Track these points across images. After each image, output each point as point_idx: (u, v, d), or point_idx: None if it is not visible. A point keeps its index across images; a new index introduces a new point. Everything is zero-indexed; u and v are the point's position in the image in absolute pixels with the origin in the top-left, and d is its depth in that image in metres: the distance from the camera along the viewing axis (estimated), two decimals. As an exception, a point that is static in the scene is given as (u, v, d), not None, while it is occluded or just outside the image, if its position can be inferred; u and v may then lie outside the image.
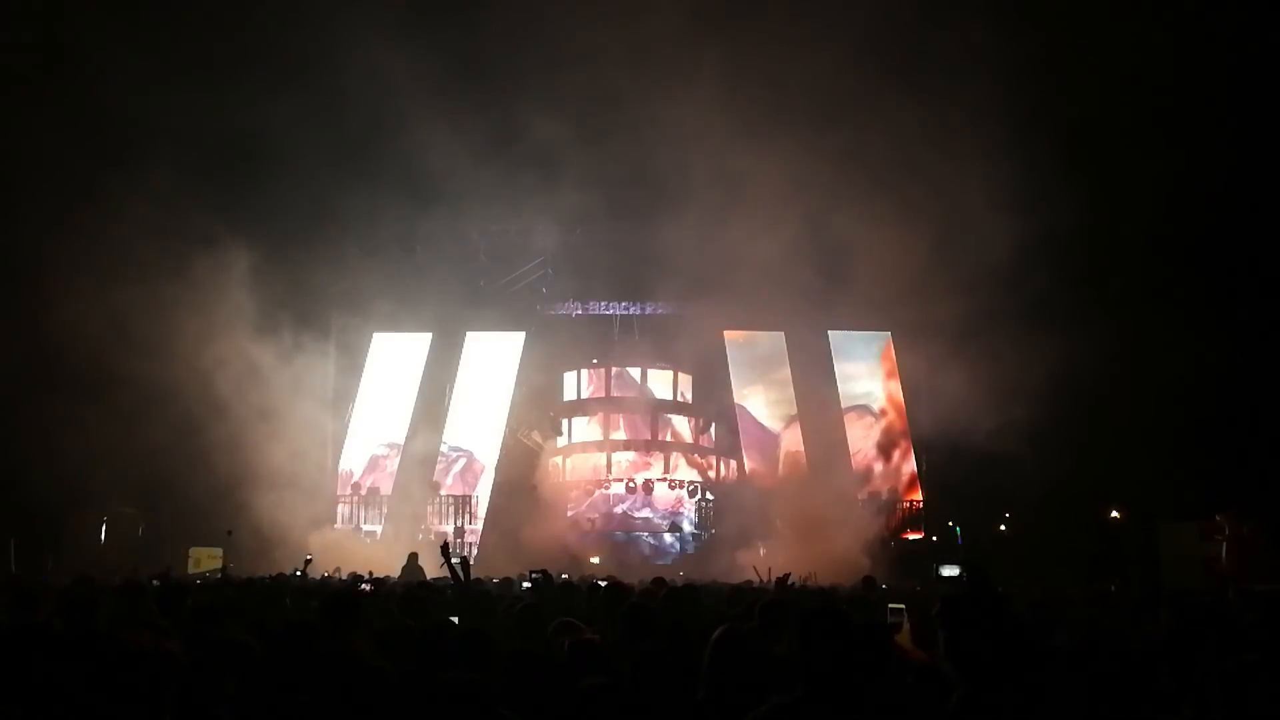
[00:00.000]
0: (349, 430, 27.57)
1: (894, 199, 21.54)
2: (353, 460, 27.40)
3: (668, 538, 25.93)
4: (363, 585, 9.85)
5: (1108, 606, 7.45)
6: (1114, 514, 23.39)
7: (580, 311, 28.02)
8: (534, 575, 8.47)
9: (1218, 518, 19.20)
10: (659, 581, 8.75)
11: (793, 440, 26.77)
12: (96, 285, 18.17)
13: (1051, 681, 3.25)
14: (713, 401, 27.71)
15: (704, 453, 27.46)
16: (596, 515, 26.01)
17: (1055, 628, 5.32)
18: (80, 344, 17.62)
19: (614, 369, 27.81)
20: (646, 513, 26.15)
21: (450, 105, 22.29)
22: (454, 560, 6.82)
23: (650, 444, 27.02)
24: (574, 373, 28.18)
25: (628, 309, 27.78)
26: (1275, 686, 2.51)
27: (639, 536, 25.90)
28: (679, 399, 27.77)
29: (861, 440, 26.50)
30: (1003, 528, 24.46)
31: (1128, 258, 20.78)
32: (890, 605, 4.81)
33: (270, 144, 20.30)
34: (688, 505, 26.22)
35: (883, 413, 26.86)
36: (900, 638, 4.42)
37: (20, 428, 17.60)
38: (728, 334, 27.48)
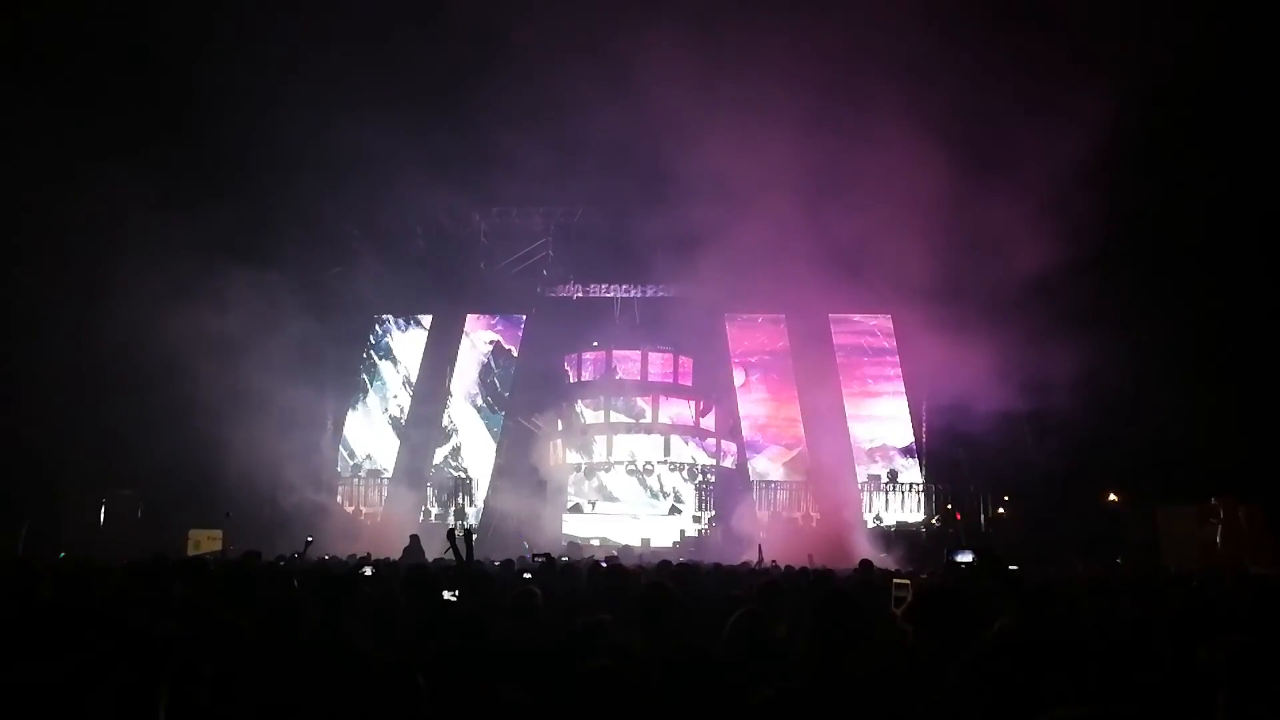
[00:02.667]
0: (349, 412, 27.63)
1: (894, 181, 21.49)
2: (353, 442, 27.46)
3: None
4: (364, 569, 9.84)
5: (1107, 590, 7.45)
6: (1112, 497, 23.43)
7: (581, 294, 27.97)
8: (537, 558, 8.49)
9: (1213, 501, 19.22)
10: (664, 564, 8.78)
11: (793, 423, 26.80)
12: (93, 264, 18.15)
13: (1051, 666, 3.24)
14: (713, 384, 27.71)
15: (704, 435, 27.49)
16: (596, 499, 26.07)
17: (1056, 611, 5.32)
18: (76, 326, 17.60)
19: (615, 351, 27.79)
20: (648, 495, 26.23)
21: (451, 85, 22.20)
22: (459, 534, 6.79)
23: (650, 426, 27.05)
24: (574, 354, 28.18)
25: (629, 291, 27.74)
26: (1271, 670, 2.49)
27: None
28: (679, 382, 27.78)
29: (861, 423, 26.51)
30: (1001, 510, 24.52)
31: (1128, 244, 20.73)
32: (895, 581, 4.82)
33: (265, 128, 20.19)
34: (687, 488, 26.26)
35: (883, 395, 26.86)
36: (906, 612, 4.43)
37: (17, 409, 17.59)
38: (728, 316, 27.46)
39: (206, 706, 2.54)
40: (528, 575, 8.91)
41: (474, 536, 7.03)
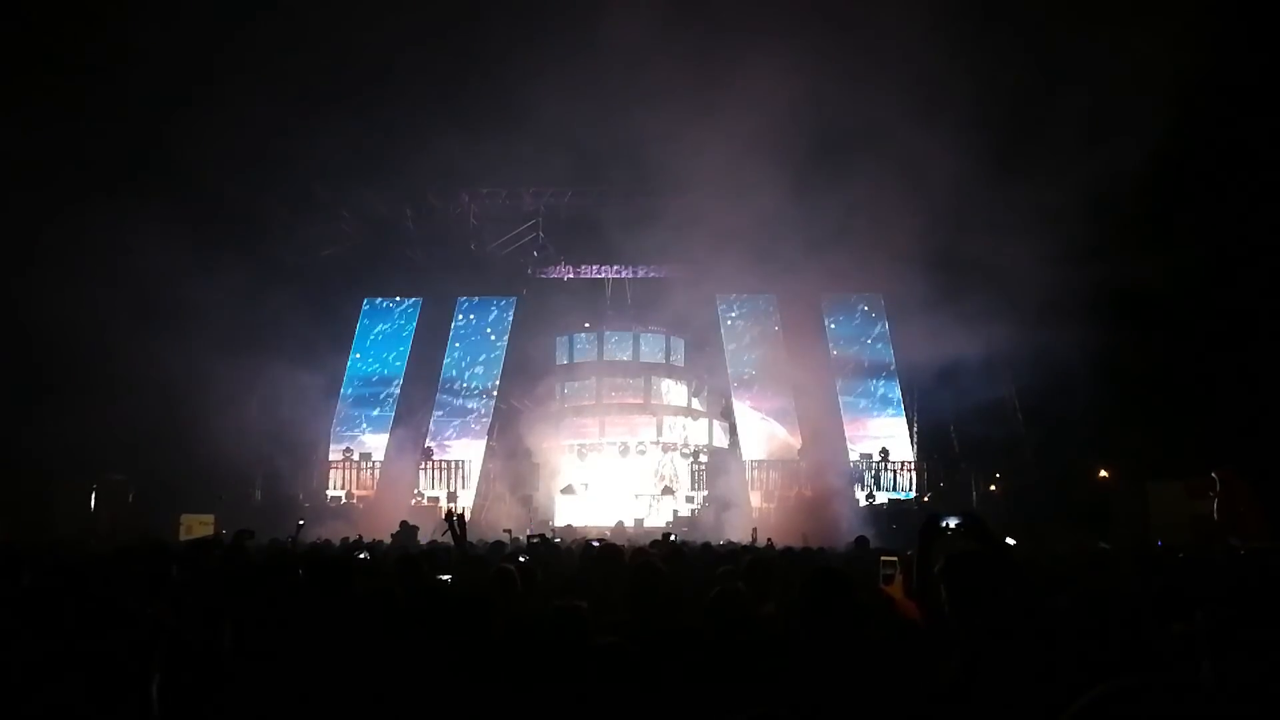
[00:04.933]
0: (340, 396, 27.56)
1: (887, 161, 21.43)
2: (344, 426, 27.40)
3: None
4: (359, 554, 9.83)
5: (1100, 565, 7.50)
6: (1103, 473, 23.55)
7: (572, 275, 27.91)
8: (532, 539, 8.54)
9: (1214, 474, 19.30)
10: (658, 544, 8.80)
11: (785, 403, 26.82)
12: (76, 256, 18.04)
13: (1050, 640, 3.26)
14: (705, 365, 27.73)
15: (696, 416, 27.52)
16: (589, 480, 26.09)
17: (1050, 586, 5.35)
18: (66, 312, 17.48)
19: (606, 332, 27.78)
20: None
21: (441, 67, 22.04)
22: (454, 518, 6.80)
23: (642, 407, 27.06)
24: (566, 336, 28.16)
25: (619, 273, 27.69)
26: (1265, 641, 2.50)
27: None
28: (671, 362, 27.79)
29: (854, 402, 26.56)
30: (993, 488, 24.64)
31: (1119, 222, 20.73)
32: (883, 558, 4.83)
33: (258, 113, 20.05)
34: (679, 468, 26.29)
35: (875, 374, 26.90)
36: (892, 589, 4.45)
37: (7, 394, 17.50)
38: (720, 297, 27.44)
39: (198, 686, 2.54)
40: (523, 558, 8.92)
41: (465, 520, 7.03)
